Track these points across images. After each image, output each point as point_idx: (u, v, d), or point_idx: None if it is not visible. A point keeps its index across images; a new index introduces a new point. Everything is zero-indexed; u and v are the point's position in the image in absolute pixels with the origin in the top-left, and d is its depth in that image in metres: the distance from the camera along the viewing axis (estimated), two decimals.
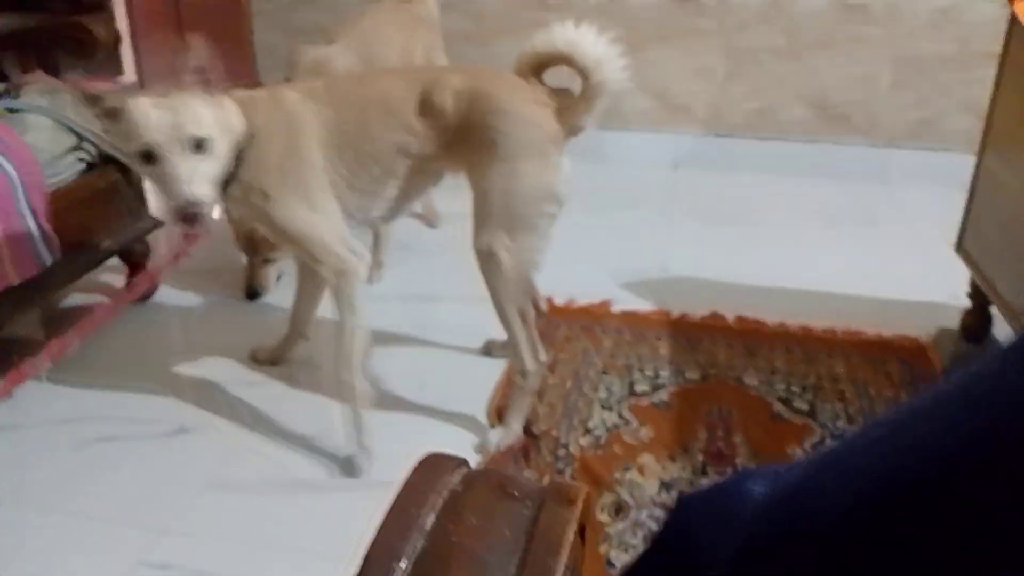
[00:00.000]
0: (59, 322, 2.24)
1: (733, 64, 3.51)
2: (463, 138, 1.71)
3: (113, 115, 1.54)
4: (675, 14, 3.48)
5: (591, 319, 2.37)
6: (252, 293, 2.51)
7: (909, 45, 3.35)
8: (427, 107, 1.71)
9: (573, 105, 1.71)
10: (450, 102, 1.70)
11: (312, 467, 1.81)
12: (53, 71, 2.22)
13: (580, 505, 0.56)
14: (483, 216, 1.72)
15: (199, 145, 1.52)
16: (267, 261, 2.49)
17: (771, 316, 2.37)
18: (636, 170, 3.60)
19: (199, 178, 1.52)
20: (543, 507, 0.56)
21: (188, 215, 1.51)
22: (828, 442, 1.85)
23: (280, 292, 2.53)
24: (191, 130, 1.51)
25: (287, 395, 2.05)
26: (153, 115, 1.50)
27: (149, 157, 1.51)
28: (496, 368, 2.13)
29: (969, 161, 2.10)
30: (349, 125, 1.72)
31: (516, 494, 0.57)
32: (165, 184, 1.53)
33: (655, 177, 3.55)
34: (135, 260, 2.41)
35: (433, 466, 0.61)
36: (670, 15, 3.48)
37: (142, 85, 3.86)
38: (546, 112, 1.70)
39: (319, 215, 1.71)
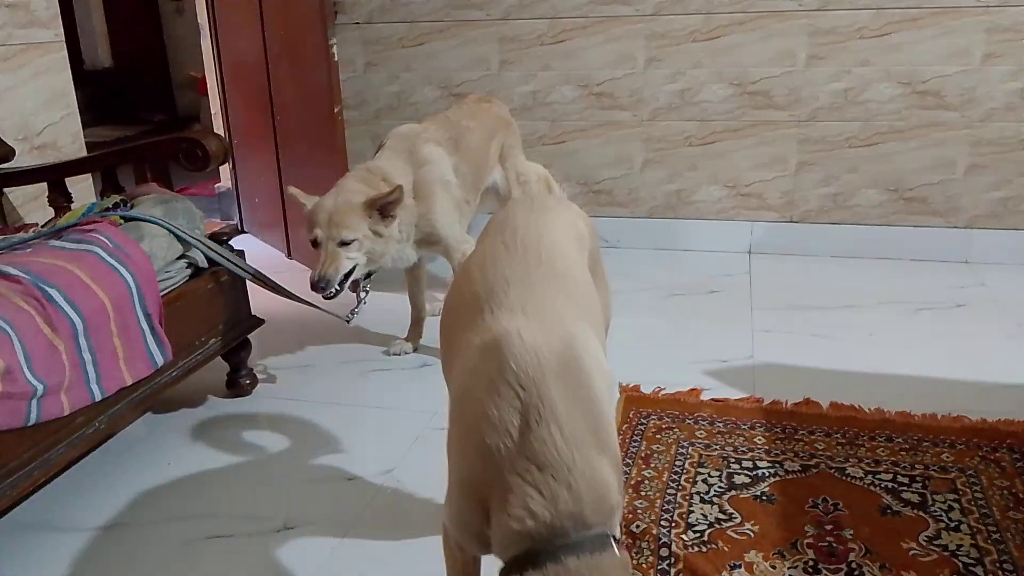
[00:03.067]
0: None
1: (806, 153, 3.55)
2: None
3: None
4: (745, 107, 3.55)
5: (681, 408, 2.35)
6: (320, 282, 2.34)
7: (986, 128, 3.35)
8: None
9: None
10: None
11: (413, 561, 1.80)
12: (165, 182, 2.36)
13: None
14: None
15: None
16: (344, 244, 2.38)
17: (864, 402, 2.33)
18: (711, 257, 3.62)
19: None
20: None
21: None
22: (945, 536, 1.79)
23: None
24: None
25: (383, 490, 2.07)
26: None
27: None
28: None
29: None
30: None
31: None
32: None
33: (731, 264, 3.57)
34: (238, 359, 2.49)
35: None
36: (740, 108, 3.56)
37: (237, 191, 4.08)
38: None
39: None
